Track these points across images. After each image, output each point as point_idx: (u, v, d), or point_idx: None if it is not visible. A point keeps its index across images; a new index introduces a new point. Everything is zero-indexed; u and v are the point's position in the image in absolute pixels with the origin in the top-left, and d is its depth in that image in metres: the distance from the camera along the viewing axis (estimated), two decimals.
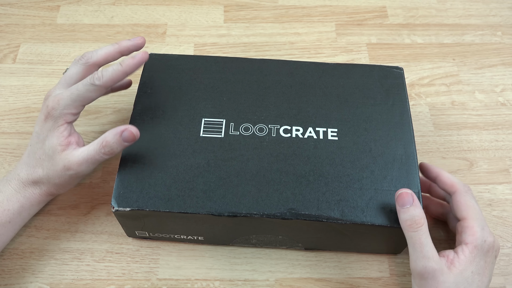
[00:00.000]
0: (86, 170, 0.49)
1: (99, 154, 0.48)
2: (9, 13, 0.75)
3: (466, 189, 0.49)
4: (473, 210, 0.47)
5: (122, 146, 0.48)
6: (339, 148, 0.51)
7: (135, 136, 0.48)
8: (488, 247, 0.45)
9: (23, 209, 0.50)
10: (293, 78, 0.56)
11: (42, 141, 0.49)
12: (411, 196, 0.46)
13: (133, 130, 0.48)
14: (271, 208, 0.47)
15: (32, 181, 0.50)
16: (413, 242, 0.45)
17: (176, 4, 0.77)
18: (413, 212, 0.45)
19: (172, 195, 0.48)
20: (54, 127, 0.49)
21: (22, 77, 0.68)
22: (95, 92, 0.49)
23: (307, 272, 0.54)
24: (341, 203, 0.48)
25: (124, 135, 0.47)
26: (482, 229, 0.46)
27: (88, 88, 0.49)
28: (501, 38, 0.74)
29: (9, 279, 0.52)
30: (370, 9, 0.77)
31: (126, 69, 0.49)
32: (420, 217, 0.45)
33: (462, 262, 0.45)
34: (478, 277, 0.44)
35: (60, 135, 0.49)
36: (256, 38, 0.73)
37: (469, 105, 0.67)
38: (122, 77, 0.50)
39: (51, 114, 0.49)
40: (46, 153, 0.49)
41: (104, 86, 0.49)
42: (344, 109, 0.54)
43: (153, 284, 0.53)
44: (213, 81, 0.56)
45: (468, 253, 0.45)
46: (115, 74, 0.49)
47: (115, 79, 0.49)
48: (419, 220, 0.45)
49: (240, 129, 0.52)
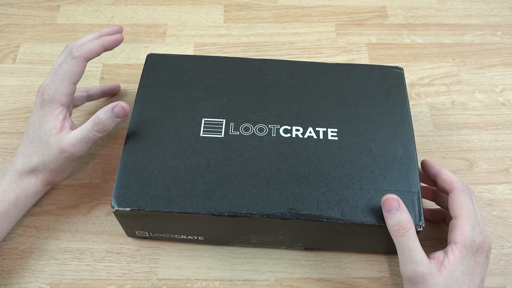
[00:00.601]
0: (80, 150, 0.50)
1: (92, 132, 0.50)
2: (9, 13, 0.75)
3: (464, 188, 0.49)
4: (466, 209, 0.47)
5: (114, 122, 0.50)
6: (339, 148, 0.51)
7: (126, 111, 0.50)
8: (477, 246, 0.45)
9: (19, 200, 0.51)
10: (293, 78, 0.56)
11: (38, 128, 0.51)
12: (397, 201, 0.46)
13: (124, 105, 0.50)
14: (271, 208, 0.47)
15: (28, 170, 0.51)
16: (401, 247, 0.45)
17: (176, 4, 0.77)
18: (400, 217, 0.45)
19: (172, 195, 0.48)
20: (49, 111, 0.51)
21: (22, 77, 0.68)
22: (77, 64, 0.51)
23: (307, 272, 0.54)
24: (341, 203, 0.48)
25: (116, 110, 0.49)
26: (473, 228, 0.46)
27: (70, 63, 0.51)
28: (501, 38, 0.74)
29: (9, 279, 0.52)
30: (370, 9, 0.77)
31: (103, 42, 0.54)
32: (406, 221, 0.45)
33: (452, 263, 0.45)
34: (469, 277, 0.44)
35: (55, 118, 0.50)
36: (256, 38, 0.73)
37: (469, 105, 0.67)
38: (98, 49, 0.53)
39: (45, 99, 0.51)
40: (42, 139, 0.50)
41: (83, 57, 0.52)
42: (344, 109, 0.54)
43: (153, 284, 0.53)
44: (213, 81, 0.56)
45: (458, 253, 0.45)
46: (92, 45, 0.53)
47: (92, 50, 0.52)
48: (406, 225, 0.45)
49: (240, 129, 0.52)
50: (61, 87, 0.51)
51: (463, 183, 0.50)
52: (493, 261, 0.55)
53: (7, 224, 0.51)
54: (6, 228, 0.51)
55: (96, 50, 0.53)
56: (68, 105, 0.53)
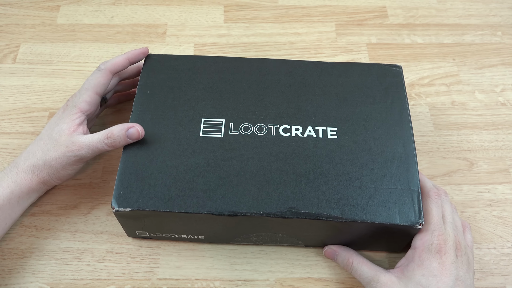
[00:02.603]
0: (85, 155, 0.51)
1: (101, 144, 0.51)
2: (9, 13, 0.75)
3: (431, 193, 0.51)
4: (428, 215, 0.49)
5: (125, 142, 0.51)
6: (338, 146, 0.51)
7: (140, 135, 0.50)
8: (436, 248, 0.47)
9: (12, 195, 0.51)
10: (292, 77, 0.56)
11: (52, 128, 0.53)
12: (333, 252, 0.53)
13: (139, 129, 0.50)
14: (271, 207, 0.47)
15: (28, 165, 0.52)
16: (358, 277, 0.50)
17: (176, 4, 0.77)
18: (339, 261, 0.52)
19: (172, 195, 0.48)
20: (68, 114, 0.53)
21: (22, 77, 0.68)
22: (102, 76, 0.54)
23: (307, 272, 0.54)
24: (341, 201, 0.48)
25: (130, 132, 0.50)
26: (431, 233, 0.48)
27: (96, 74, 0.54)
28: (501, 38, 0.74)
29: (9, 279, 0.52)
30: (370, 9, 0.77)
31: (128, 55, 0.56)
32: (346, 259, 0.51)
33: (410, 268, 0.47)
34: (434, 278, 0.46)
35: (71, 121, 0.52)
36: (256, 38, 0.73)
37: (469, 105, 0.67)
38: (124, 62, 0.56)
39: (68, 104, 0.54)
40: (52, 137, 0.52)
41: (108, 70, 0.55)
42: (343, 107, 0.54)
43: (153, 284, 0.53)
44: (212, 81, 0.56)
45: (417, 258, 0.48)
46: (118, 59, 0.56)
47: (118, 63, 0.56)
48: (347, 262, 0.51)
49: (239, 128, 0.52)
50: (84, 95, 0.53)
51: (432, 187, 0.51)
52: (493, 261, 0.55)
53: (1, 221, 0.50)
54: (1, 226, 0.51)
55: (121, 63, 0.56)
56: (89, 114, 0.54)
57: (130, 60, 0.57)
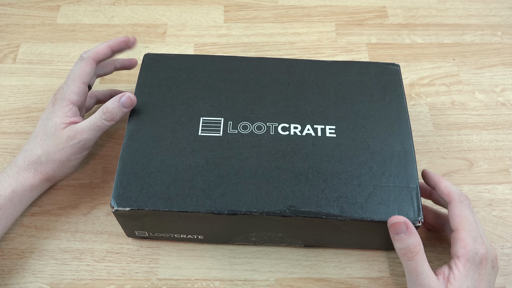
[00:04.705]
0: (89, 138, 0.52)
1: (101, 120, 0.52)
2: (9, 13, 0.75)
3: (462, 198, 0.48)
4: (465, 221, 0.47)
5: (121, 112, 0.52)
6: (337, 145, 0.51)
7: (133, 101, 0.52)
8: (480, 259, 0.45)
9: (14, 194, 0.51)
10: (290, 76, 0.56)
11: (45, 124, 0.52)
12: (405, 225, 0.45)
13: (130, 95, 0.52)
14: (270, 206, 0.47)
15: (28, 163, 0.52)
16: (409, 270, 0.45)
17: (176, 4, 0.77)
18: (408, 241, 0.44)
19: (172, 194, 0.48)
20: (59, 108, 0.53)
21: (22, 77, 0.68)
22: (86, 65, 0.54)
23: (307, 272, 0.54)
24: (340, 199, 0.48)
25: (122, 101, 0.52)
26: (474, 240, 0.45)
27: (79, 64, 0.54)
28: (501, 38, 0.74)
29: (9, 279, 0.52)
30: (370, 9, 0.77)
31: (110, 43, 0.57)
32: (415, 245, 0.44)
33: (458, 279, 0.44)
34: None
35: (64, 115, 0.52)
36: (256, 38, 0.73)
37: (469, 105, 0.67)
38: (106, 50, 0.56)
39: (57, 98, 0.54)
40: (48, 132, 0.52)
41: (91, 58, 0.55)
42: (341, 106, 0.54)
43: (153, 284, 0.52)
44: (211, 80, 0.56)
45: (462, 268, 0.45)
46: (100, 47, 0.56)
47: (100, 51, 0.56)
48: (414, 249, 0.44)
49: (238, 127, 0.52)
50: (72, 86, 0.53)
51: (462, 194, 0.49)
52: None
53: (3, 220, 0.50)
54: (3, 225, 0.51)
55: (103, 51, 0.56)
56: (79, 105, 0.54)
57: (112, 48, 0.57)
